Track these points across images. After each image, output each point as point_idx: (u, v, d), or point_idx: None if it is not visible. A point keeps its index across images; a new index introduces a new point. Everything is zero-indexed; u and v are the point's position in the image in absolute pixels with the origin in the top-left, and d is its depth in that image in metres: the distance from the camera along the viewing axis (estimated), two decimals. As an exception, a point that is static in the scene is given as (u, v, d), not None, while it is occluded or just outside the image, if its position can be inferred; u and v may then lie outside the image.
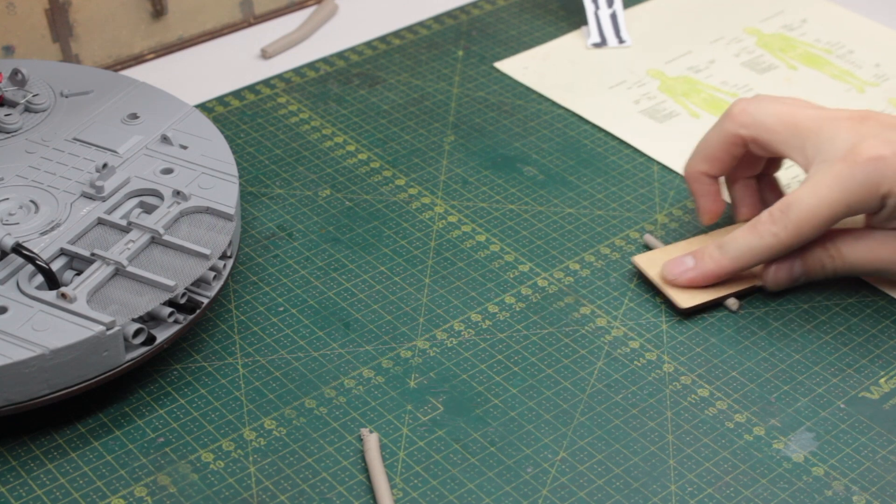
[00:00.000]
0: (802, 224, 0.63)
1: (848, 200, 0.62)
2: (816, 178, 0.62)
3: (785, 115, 0.65)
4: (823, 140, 0.63)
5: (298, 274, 0.68)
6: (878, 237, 0.65)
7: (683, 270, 0.66)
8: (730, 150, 0.67)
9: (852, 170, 0.62)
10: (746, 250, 0.64)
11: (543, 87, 0.83)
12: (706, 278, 0.65)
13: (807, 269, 0.66)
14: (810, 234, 0.63)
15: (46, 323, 0.57)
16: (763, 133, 0.65)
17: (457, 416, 0.60)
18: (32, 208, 0.64)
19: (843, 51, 0.87)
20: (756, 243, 0.64)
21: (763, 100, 0.66)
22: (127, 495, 0.56)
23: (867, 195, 0.62)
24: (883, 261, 0.65)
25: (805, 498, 0.57)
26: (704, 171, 0.68)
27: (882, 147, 0.62)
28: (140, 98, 0.72)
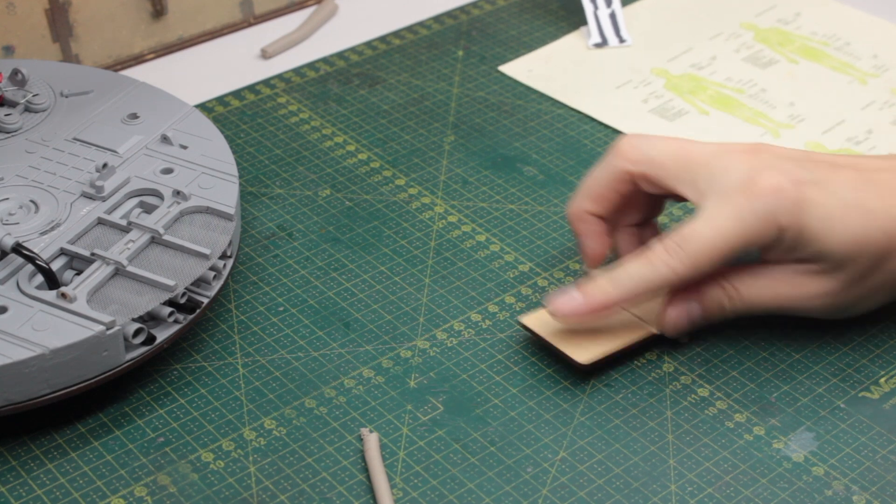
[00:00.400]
0: (700, 257, 0.60)
1: (746, 233, 0.59)
2: (713, 210, 0.60)
3: (676, 150, 0.62)
4: (717, 173, 0.61)
5: (298, 274, 0.68)
6: (775, 273, 0.62)
7: (571, 305, 0.61)
8: (617, 187, 0.64)
9: (751, 202, 0.59)
10: (639, 281, 0.60)
11: (551, 89, 0.83)
12: (594, 310, 0.61)
13: (705, 311, 0.62)
14: (707, 268, 0.60)
15: (46, 323, 0.57)
16: (653, 168, 0.62)
17: (457, 416, 0.60)
18: (32, 208, 0.64)
19: (840, 43, 0.88)
20: (650, 275, 0.60)
21: (652, 137, 0.64)
22: (127, 495, 0.56)
23: (766, 228, 0.60)
24: (783, 297, 0.62)
25: (805, 498, 0.57)
26: (590, 210, 0.64)
27: (780, 177, 0.60)
28: (140, 98, 0.72)
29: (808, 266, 0.61)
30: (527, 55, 0.87)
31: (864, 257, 0.60)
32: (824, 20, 0.90)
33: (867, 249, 0.60)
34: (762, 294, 0.62)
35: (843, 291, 0.61)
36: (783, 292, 0.62)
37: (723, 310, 0.63)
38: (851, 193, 0.60)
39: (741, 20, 0.91)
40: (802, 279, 0.61)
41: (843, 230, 0.60)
